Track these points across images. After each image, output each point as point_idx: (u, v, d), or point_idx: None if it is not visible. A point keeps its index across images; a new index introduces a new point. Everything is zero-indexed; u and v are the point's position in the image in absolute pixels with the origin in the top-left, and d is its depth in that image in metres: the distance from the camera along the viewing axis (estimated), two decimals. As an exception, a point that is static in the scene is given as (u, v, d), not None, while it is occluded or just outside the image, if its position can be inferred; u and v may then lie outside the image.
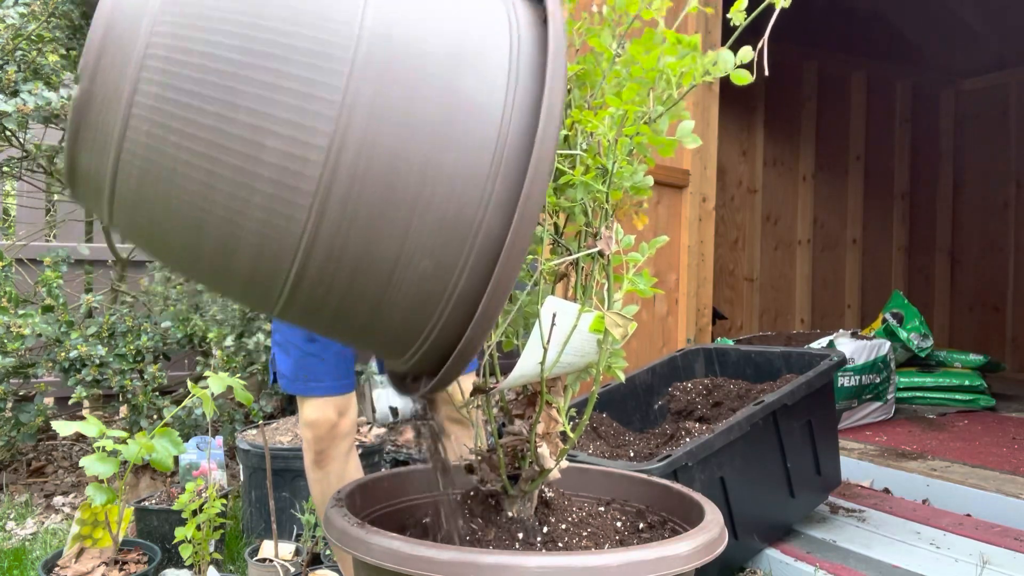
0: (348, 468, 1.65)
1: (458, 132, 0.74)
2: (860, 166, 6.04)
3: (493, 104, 0.75)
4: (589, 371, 1.01)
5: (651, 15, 0.94)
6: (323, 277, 0.77)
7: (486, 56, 0.76)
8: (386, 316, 0.80)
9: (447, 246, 0.75)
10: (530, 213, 0.73)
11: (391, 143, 0.73)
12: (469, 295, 0.77)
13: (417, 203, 0.74)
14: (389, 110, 0.73)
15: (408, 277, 0.76)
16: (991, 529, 2.32)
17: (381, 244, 0.75)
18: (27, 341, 2.69)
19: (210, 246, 0.76)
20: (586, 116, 0.88)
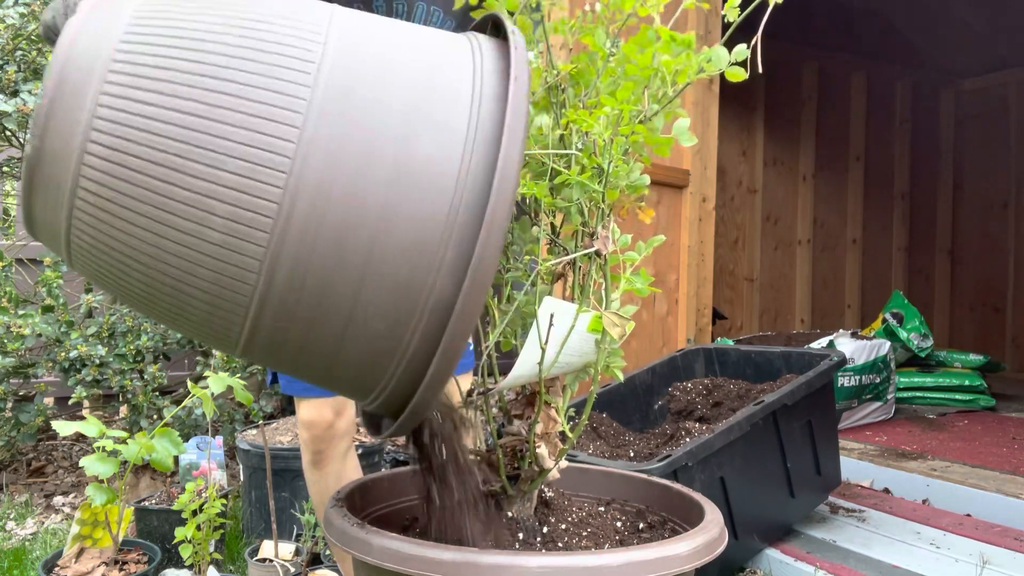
0: (346, 468, 1.65)
1: (411, 198, 0.74)
2: (860, 166, 6.04)
3: (448, 169, 0.75)
4: (588, 371, 1.01)
5: (647, 12, 0.94)
6: (276, 333, 0.79)
7: (445, 116, 0.77)
8: (342, 369, 0.82)
9: (399, 308, 0.76)
10: (481, 279, 0.74)
11: (342, 210, 0.74)
12: (420, 356, 0.78)
13: (368, 267, 0.75)
14: (340, 176, 0.74)
15: (361, 335, 0.78)
16: (991, 529, 2.32)
17: (332, 305, 0.76)
18: (27, 341, 2.70)
19: (164, 300, 0.79)
20: (581, 115, 0.88)
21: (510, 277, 1.05)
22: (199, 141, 0.72)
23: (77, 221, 0.76)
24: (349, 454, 1.67)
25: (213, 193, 0.73)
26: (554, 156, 0.95)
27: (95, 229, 0.76)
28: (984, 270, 6.25)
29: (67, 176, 0.74)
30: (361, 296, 0.76)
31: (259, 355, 0.84)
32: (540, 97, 1.01)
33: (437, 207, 0.75)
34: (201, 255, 0.75)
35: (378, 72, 0.77)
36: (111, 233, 0.76)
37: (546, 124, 0.96)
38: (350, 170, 0.74)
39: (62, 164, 0.74)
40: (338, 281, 0.75)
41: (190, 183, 0.73)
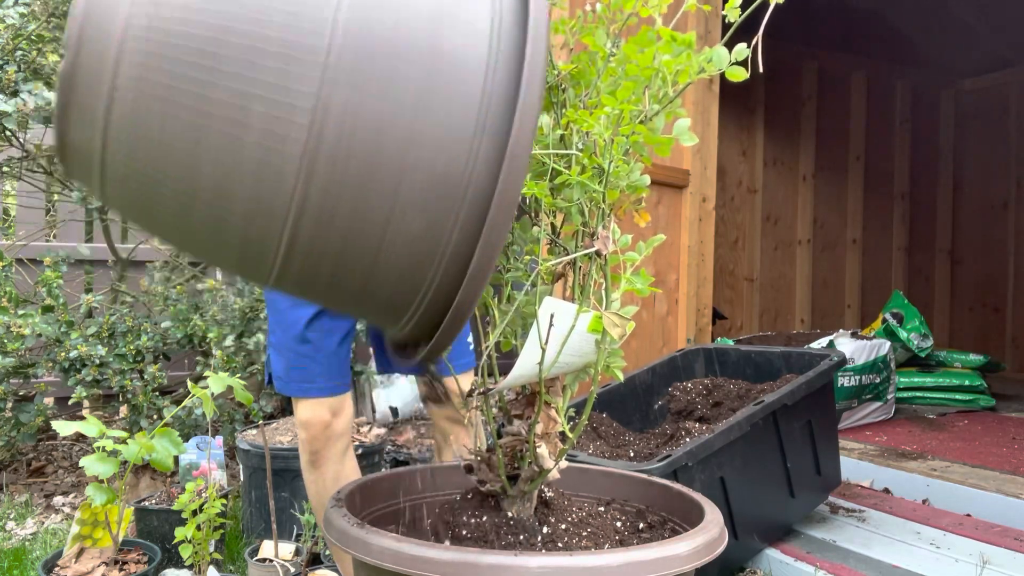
0: (344, 469, 1.65)
1: (442, 91, 0.74)
2: (860, 166, 6.04)
3: (476, 60, 0.75)
4: (588, 371, 1.01)
5: (647, 12, 0.94)
6: (315, 242, 0.77)
7: (468, 9, 0.77)
8: (380, 279, 0.80)
9: (437, 203, 0.75)
10: (517, 166, 0.73)
11: (376, 105, 0.73)
12: (462, 251, 0.77)
13: (405, 162, 0.74)
14: (372, 72, 0.73)
15: (400, 237, 0.76)
16: (991, 529, 2.32)
17: (371, 205, 0.75)
18: (27, 341, 2.70)
19: (202, 213, 0.77)
20: (582, 116, 0.88)
21: (510, 277, 1.05)
22: (235, 37, 0.71)
23: (113, 137, 0.74)
24: (347, 454, 1.67)
25: (250, 90, 0.72)
26: (554, 156, 0.95)
27: (131, 143, 0.74)
28: (984, 270, 6.25)
29: (102, 90, 0.73)
30: (400, 193, 0.75)
31: (295, 273, 0.81)
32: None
33: (469, 96, 0.74)
34: (239, 159, 0.73)
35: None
36: (148, 144, 0.74)
37: (547, 124, 0.96)
38: (383, 60, 0.73)
39: (97, 78, 0.72)
40: (376, 179, 0.74)
41: (225, 85, 0.72)
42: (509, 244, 1.07)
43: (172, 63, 0.72)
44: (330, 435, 1.61)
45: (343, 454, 1.65)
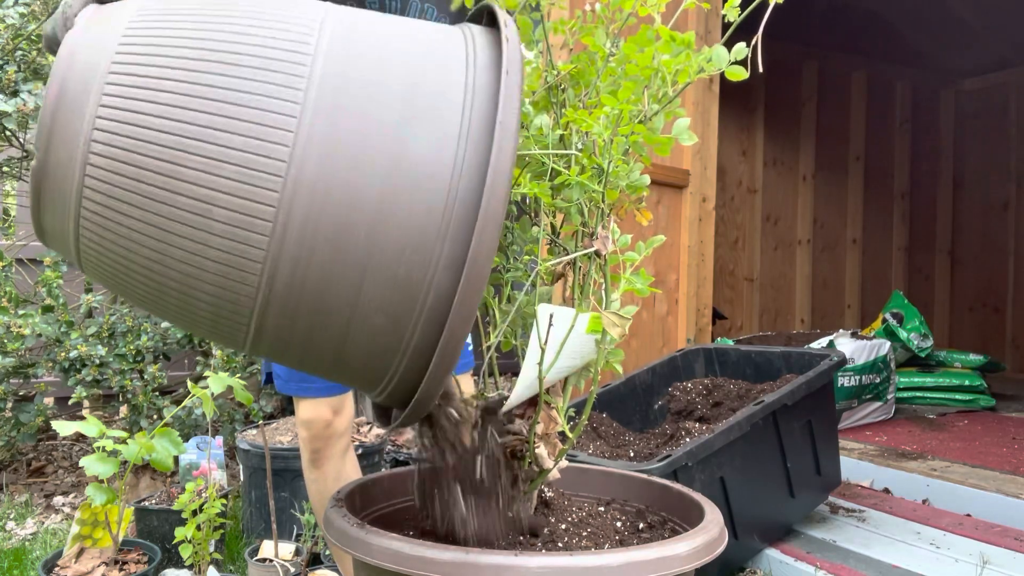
0: (345, 468, 1.65)
1: (407, 195, 0.75)
2: (860, 166, 6.04)
3: (442, 166, 0.76)
4: (589, 370, 1.01)
5: (646, 11, 0.94)
6: (281, 331, 0.81)
7: (438, 112, 0.77)
8: (347, 364, 0.84)
9: (399, 304, 0.78)
10: (477, 275, 0.75)
11: (338, 209, 0.75)
12: (422, 350, 0.79)
13: (368, 264, 0.76)
14: (336, 175, 0.75)
15: (363, 331, 0.79)
16: (991, 529, 2.32)
17: (334, 302, 0.78)
18: (27, 341, 2.70)
19: (171, 302, 0.81)
20: (581, 116, 0.88)
21: (510, 277, 1.05)
22: (195, 148, 0.74)
23: (84, 230, 0.78)
24: (348, 454, 1.67)
25: (212, 197, 0.74)
26: (554, 156, 0.94)
27: (101, 237, 0.78)
28: (984, 270, 6.25)
29: (71, 187, 0.76)
30: (362, 293, 0.77)
31: (266, 352, 0.86)
32: (540, 97, 1.01)
33: (432, 204, 0.75)
34: (204, 258, 0.76)
35: (371, 71, 0.78)
36: (116, 240, 0.77)
37: (546, 124, 0.96)
38: (345, 169, 0.75)
39: (66, 176, 0.76)
40: (339, 279, 0.76)
41: (189, 189, 0.74)
42: (509, 244, 1.07)
43: (136, 167, 0.74)
44: (331, 434, 1.61)
45: (344, 453, 1.65)
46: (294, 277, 0.76)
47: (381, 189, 0.75)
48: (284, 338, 0.82)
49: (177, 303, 0.81)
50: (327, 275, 0.76)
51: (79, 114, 0.74)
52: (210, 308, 0.80)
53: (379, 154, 0.75)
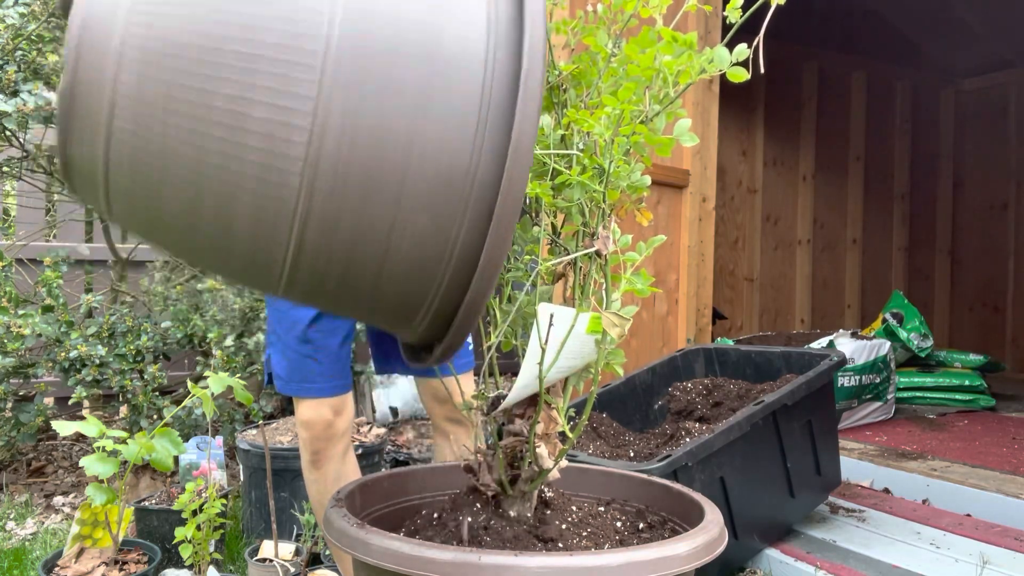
0: (345, 469, 1.65)
1: (442, 89, 0.74)
2: (860, 166, 6.04)
3: (474, 55, 0.74)
4: (589, 370, 1.01)
5: (648, 13, 0.94)
6: (321, 249, 0.77)
7: (464, 5, 0.76)
8: (390, 282, 0.79)
9: (443, 201, 0.75)
10: (521, 159, 0.73)
11: (375, 107, 0.73)
12: (470, 248, 0.76)
13: (408, 163, 0.73)
14: (370, 75, 0.73)
15: (407, 238, 0.76)
16: (991, 529, 2.32)
17: (375, 207, 0.75)
18: (27, 341, 2.70)
19: (207, 224, 0.77)
20: (582, 116, 0.88)
21: (510, 277, 1.05)
22: (230, 49, 0.71)
23: (115, 151, 0.74)
24: (348, 454, 1.67)
25: (248, 101, 0.71)
26: (555, 156, 0.95)
27: (133, 156, 0.74)
28: (984, 270, 6.26)
29: (102, 104, 0.73)
30: (404, 194, 0.74)
31: (304, 281, 0.81)
32: (542, 97, 1.01)
33: (470, 93, 0.74)
34: (241, 169, 0.73)
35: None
36: (149, 157, 0.74)
37: (547, 124, 0.96)
38: (381, 62, 0.73)
39: (96, 93, 0.72)
40: (379, 182, 0.74)
41: (225, 93, 0.72)
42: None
43: (170, 74, 0.72)
44: (332, 435, 1.61)
45: (344, 454, 1.65)
46: (335, 182, 0.73)
47: (416, 84, 0.73)
48: (324, 259, 0.77)
49: (212, 228, 0.77)
50: (368, 178, 0.73)
51: (109, 24, 0.72)
52: (248, 230, 0.76)
53: (411, 49, 0.73)
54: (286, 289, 0.82)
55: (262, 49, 0.72)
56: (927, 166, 6.33)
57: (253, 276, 0.83)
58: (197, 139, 0.73)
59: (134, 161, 0.75)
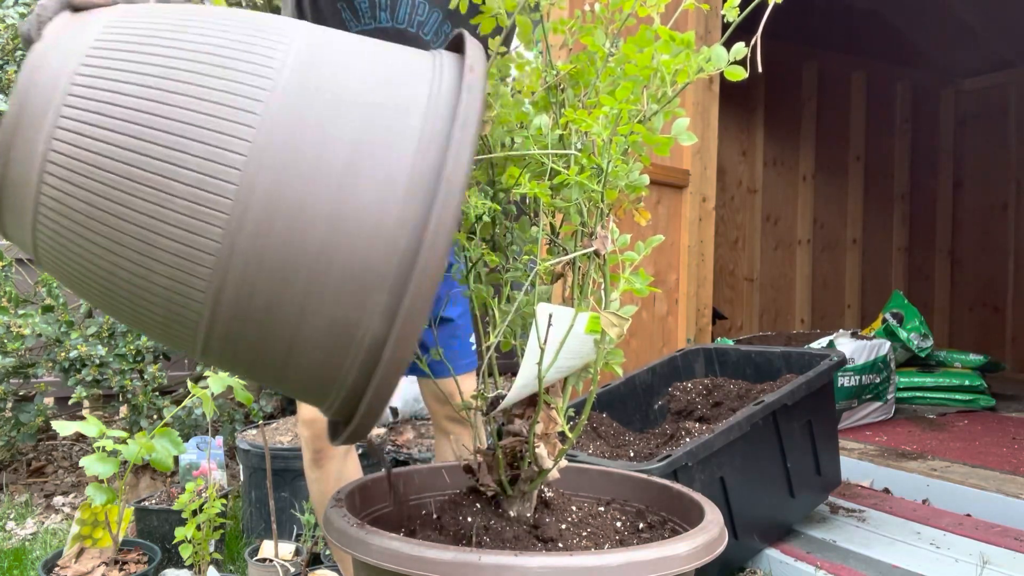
0: (346, 468, 1.65)
1: (348, 240, 0.76)
2: (860, 166, 6.04)
3: (387, 213, 0.76)
4: (588, 370, 1.01)
5: (646, 12, 0.94)
6: (225, 352, 0.84)
7: (389, 156, 0.77)
8: (290, 386, 0.87)
9: (335, 343, 0.79)
10: (411, 326, 0.76)
11: (281, 250, 0.76)
12: (359, 388, 0.81)
13: (306, 304, 0.77)
14: (281, 217, 0.76)
15: (303, 363, 0.81)
16: (991, 529, 2.32)
17: (275, 334, 0.80)
18: (27, 341, 2.70)
19: (125, 313, 0.84)
20: (580, 116, 0.88)
21: (509, 277, 1.05)
22: (146, 175, 0.75)
23: (40, 243, 0.81)
24: (349, 454, 1.67)
25: (160, 227, 0.76)
26: (553, 156, 0.95)
27: (56, 251, 0.80)
28: (984, 270, 6.25)
29: (28, 204, 0.78)
30: (301, 330, 0.79)
31: (218, 364, 0.89)
32: (540, 97, 1.01)
33: (373, 254, 0.76)
34: (151, 281, 0.78)
35: (325, 112, 0.77)
36: (70, 256, 0.80)
37: (545, 124, 0.96)
38: (290, 213, 0.76)
39: (23, 192, 0.78)
40: (280, 313, 0.78)
41: (138, 215, 0.76)
42: (509, 244, 1.07)
43: (88, 193, 0.76)
44: None
45: (346, 454, 1.65)
46: (237, 306, 0.78)
47: (324, 233, 0.75)
48: (230, 357, 0.84)
49: (130, 315, 0.84)
50: (269, 307, 0.78)
51: (37, 132, 0.75)
52: (161, 323, 0.82)
53: (323, 201, 0.75)
54: (204, 360, 0.90)
55: (176, 188, 0.75)
56: (927, 166, 6.33)
57: (175, 346, 0.90)
58: (111, 255, 0.78)
59: (56, 257, 0.81)
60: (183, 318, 0.80)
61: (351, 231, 0.76)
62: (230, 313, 0.79)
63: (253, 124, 0.75)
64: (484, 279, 1.07)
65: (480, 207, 0.95)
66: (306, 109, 0.77)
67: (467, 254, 1.06)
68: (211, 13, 0.82)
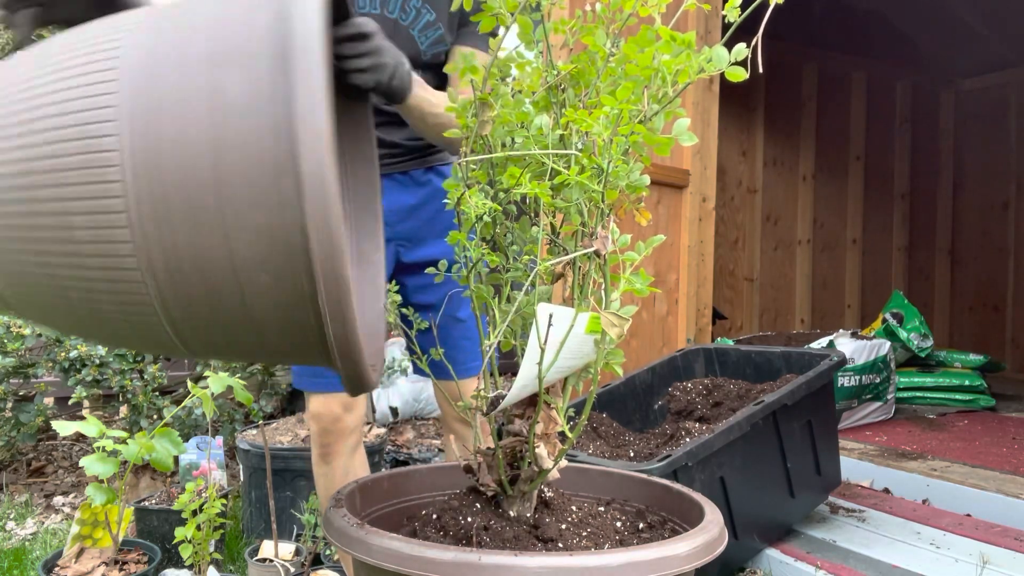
0: (353, 464, 1.65)
1: (235, 140, 0.75)
2: (860, 166, 6.04)
3: (256, 101, 0.75)
4: (588, 371, 1.01)
5: (647, 12, 0.94)
6: (190, 323, 0.82)
7: (247, 53, 0.77)
8: (273, 337, 0.83)
9: (272, 254, 0.76)
10: (325, 201, 0.72)
11: (176, 179, 0.75)
12: (321, 309, 0.77)
13: (230, 231, 0.76)
14: (165, 152, 0.76)
15: (258, 295, 0.78)
16: (991, 529, 2.32)
17: (217, 274, 0.78)
18: (27, 341, 2.70)
19: (89, 324, 0.86)
20: (581, 116, 0.88)
21: (509, 277, 1.05)
22: (42, 176, 0.78)
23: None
24: (358, 450, 1.67)
25: (68, 218, 0.77)
26: (554, 156, 0.94)
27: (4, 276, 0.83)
28: (984, 270, 6.26)
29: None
30: (235, 256, 0.76)
31: (201, 350, 0.87)
32: (540, 97, 1.01)
33: (261, 142, 0.74)
34: (86, 269, 0.79)
35: (181, 35, 0.79)
36: (10, 281, 0.83)
37: (546, 124, 0.96)
38: (174, 137, 0.75)
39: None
40: (208, 247, 0.76)
41: (45, 215, 0.78)
42: (509, 244, 1.07)
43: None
44: (341, 429, 1.61)
45: (354, 450, 1.65)
46: (169, 260, 0.77)
47: (210, 151, 0.74)
48: (201, 327, 0.82)
49: (95, 324, 0.85)
50: (196, 248, 0.76)
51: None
52: (124, 323, 0.82)
53: (199, 122, 0.75)
54: (192, 356, 0.90)
55: (68, 177, 0.77)
56: (927, 166, 6.33)
57: (160, 352, 0.92)
58: (43, 267, 0.80)
59: (15, 294, 0.84)
60: (136, 305, 0.79)
61: (234, 136, 0.74)
62: (170, 283, 0.78)
63: (113, 106, 0.76)
64: (484, 279, 1.07)
65: (480, 207, 0.95)
66: (159, 48, 0.78)
67: (467, 254, 1.06)
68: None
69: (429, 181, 1.69)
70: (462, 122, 1.02)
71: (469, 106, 1.01)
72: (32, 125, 0.79)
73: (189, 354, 0.88)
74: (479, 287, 1.06)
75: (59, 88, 0.79)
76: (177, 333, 0.82)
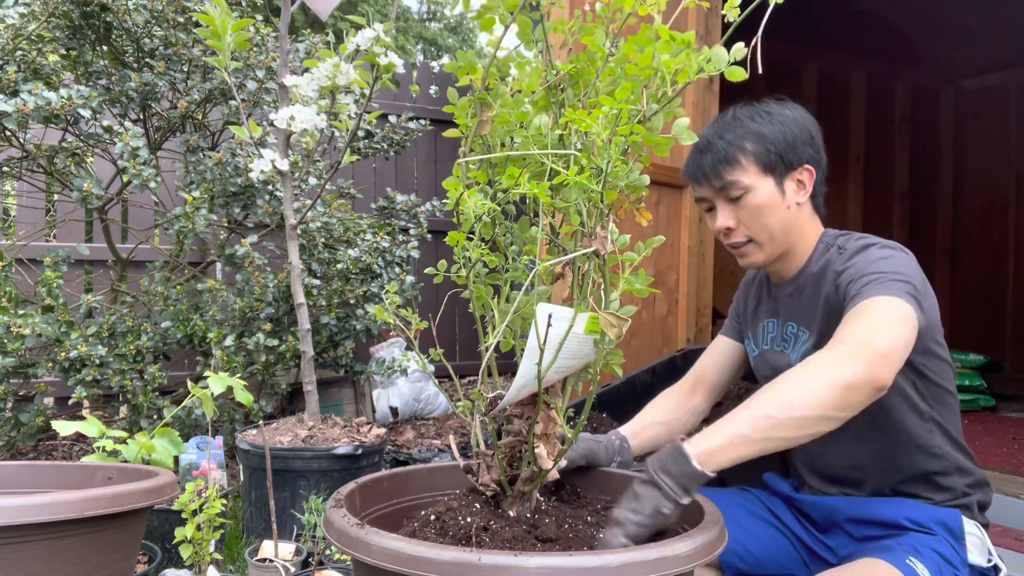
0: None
1: None
2: (860, 166, 6.04)
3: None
4: (588, 371, 1.01)
5: (646, 11, 0.94)
6: None
7: None
8: None
9: None
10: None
11: None
12: None
13: None
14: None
15: None
16: (991, 529, 2.31)
17: None
18: (27, 341, 2.70)
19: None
20: (580, 116, 0.88)
21: (509, 277, 1.05)
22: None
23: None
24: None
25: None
26: (553, 156, 0.94)
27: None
28: (984, 270, 6.25)
29: None
30: None
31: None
32: (539, 97, 1.01)
33: None
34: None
35: None
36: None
37: (545, 124, 0.96)
38: None
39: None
40: None
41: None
42: (508, 244, 1.07)
43: None
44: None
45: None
46: None
47: None
48: None
49: None
50: None
51: None
52: None
53: None
54: None
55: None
56: (927, 166, 6.33)
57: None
58: None
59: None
60: None
61: None
62: None
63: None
64: (484, 279, 1.07)
65: (480, 207, 0.95)
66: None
67: (467, 254, 1.06)
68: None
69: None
70: (461, 122, 1.02)
71: (468, 105, 1.01)
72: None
73: None
74: (479, 287, 1.06)
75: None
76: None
